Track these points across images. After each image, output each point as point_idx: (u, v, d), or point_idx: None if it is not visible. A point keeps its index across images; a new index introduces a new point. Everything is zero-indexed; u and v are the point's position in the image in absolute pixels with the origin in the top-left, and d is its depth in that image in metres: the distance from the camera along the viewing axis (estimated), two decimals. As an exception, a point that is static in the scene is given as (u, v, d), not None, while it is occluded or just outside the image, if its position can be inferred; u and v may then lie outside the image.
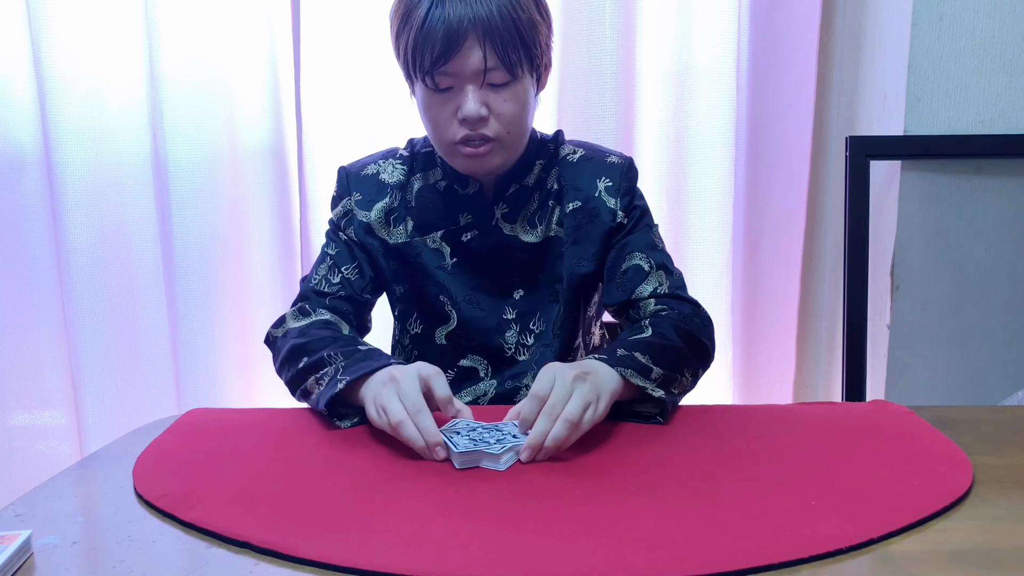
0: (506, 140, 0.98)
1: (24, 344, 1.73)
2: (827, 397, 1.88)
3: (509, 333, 1.07)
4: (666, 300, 1.04)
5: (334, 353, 0.93)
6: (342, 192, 1.10)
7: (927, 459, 0.79)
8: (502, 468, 0.77)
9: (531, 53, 0.96)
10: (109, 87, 1.67)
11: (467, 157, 0.98)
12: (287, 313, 1.06)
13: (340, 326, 1.04)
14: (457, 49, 0.92)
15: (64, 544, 0.65)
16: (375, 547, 0.62)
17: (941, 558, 0.61)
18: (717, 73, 1.70)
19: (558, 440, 0.78)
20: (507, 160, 1.02)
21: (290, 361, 0.97)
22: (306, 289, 1.08)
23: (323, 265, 1.08)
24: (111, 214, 1.70)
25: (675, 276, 1.07)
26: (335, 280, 1.07)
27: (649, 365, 0.90)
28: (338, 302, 1.06)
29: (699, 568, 0.59)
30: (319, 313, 1.04)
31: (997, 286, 1.60)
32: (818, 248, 1.85)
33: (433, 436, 0.79)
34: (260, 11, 1.69)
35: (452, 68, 0.93)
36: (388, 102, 1.69)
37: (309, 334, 0.99)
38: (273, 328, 1.06)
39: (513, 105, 0.97)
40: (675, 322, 0.98)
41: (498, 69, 0.94)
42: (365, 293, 1.09)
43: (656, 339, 0.94)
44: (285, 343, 1.00)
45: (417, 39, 0.93)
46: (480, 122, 0.96)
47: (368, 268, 1.09)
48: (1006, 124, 1.55)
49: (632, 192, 1.09)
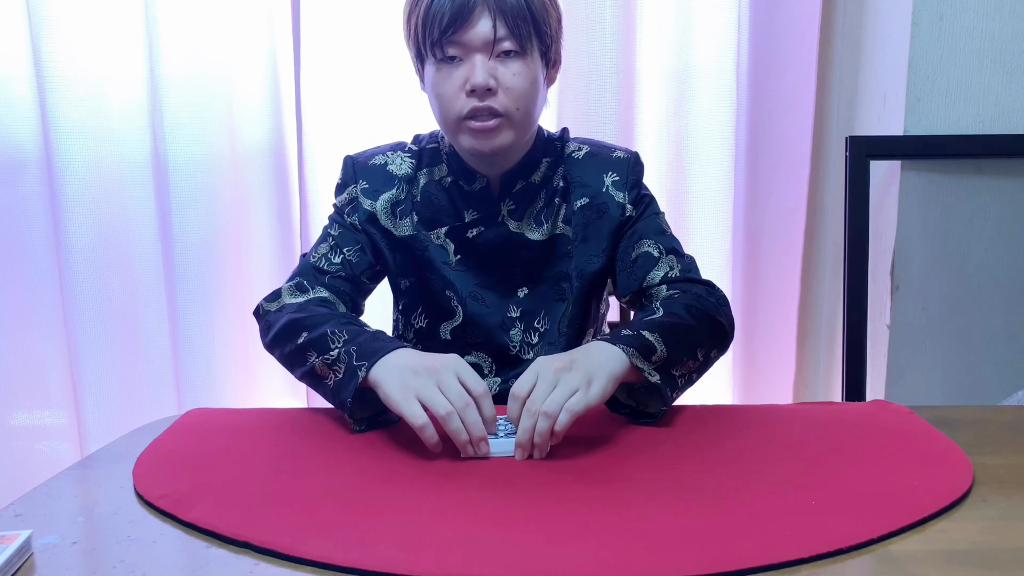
0: (515, 116, 0.97)
1: (24, 344, 1.74)
2: (827, 397, 1.88)
3: (514, 331, 1.07)
4: (678, 284, 1.03)
5: (338, 331, 0.91)
6: (347, 179, 1.09)
7: (927, 459, 0.79)
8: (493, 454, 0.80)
9: (540, 30, 0.97)
10: (109, 87, 1.67)
11: (474, 132, 0.97)
12: (283, 287, 1.04)
13: (337, 306, 1.03)
14: (467, 18, 0.93)
15: (64, 544, 0.65)
16: (375, 547, 0.62)
17: (941, 558, 0.61)
18: (717, 73, 1.70)
19: (543, 434, 0.78)
20: (514, 140, 1.00)
21: (286, 335, 0.95)
22: (305, 265, 1.07)
23: (324, 244, 1.07)
24: (111, 214, 1.71)
25: (686, 260, 1.06)
26: (336, 260, 1.06)
27: (655, 344, 0.87)
28: (337, 281, 1.05)
29: (699, 568, 0.58)
30: (317, 291, 1.03)
31: (997, 286, 1.60)
32: (818, 248, 1.85)
33: (479, 432, 0.79)
34: (260, 11, 1.69)
35: (461, 37, 0.94)
36: (388, 101, 1.69)
37: (308, 309, 0.98)
38: (266, 301, 1.04)
39: (522, 80, 0.96)
40: (687, 302, 0.97)
41: (507, 39, 0.94)
42: (364, 277, 1.08)
43: (666, 318, 0.93)
44: (280, 317, 0.98)
45: (427, 11, 0.94)
46: (488, 93, 0.95)
47: (369, 254, 1.08)
48: (1006, 124, 1.55)
49: (639, 186, 1.09)
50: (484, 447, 0.80)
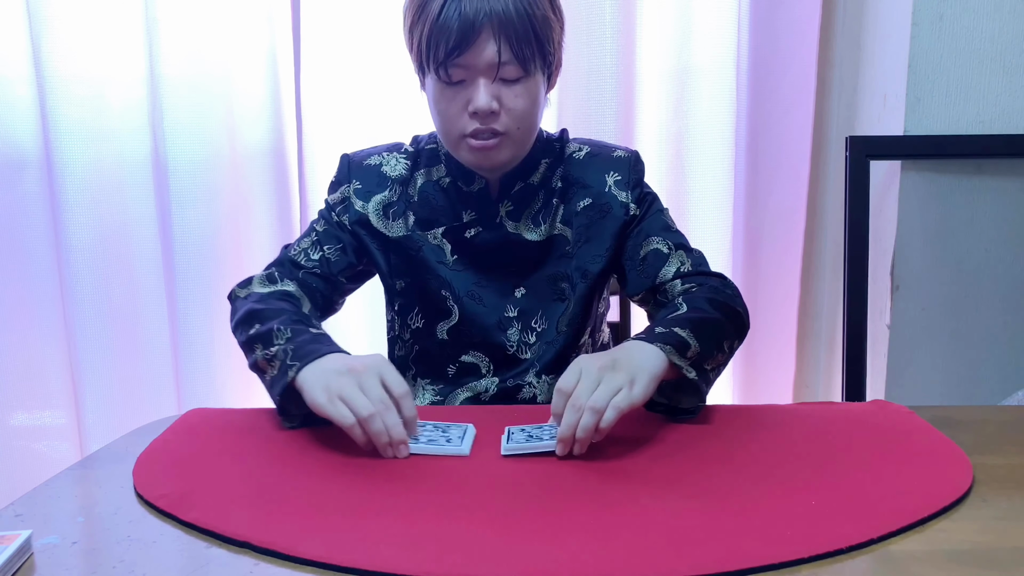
0: (515, 135, 0.98)
1: (24, 344, 1.74)
2: (827, 397, 1.88)
3: (511, 331, 1.07)
4: (692, 278, 1.03)
5: (283, 328, 0.92)
6: (341, 178, 1.10)
7: (927, 459, 0.79)
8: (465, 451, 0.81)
9: (544, 50, 0.97)
10: (109, 87, 1.67)
11: (475, 150, 0.98)
12: (255, 275, 1.05)
13: (302, 302, 1.03)
14: (472, 42, 0.92)
15: (64, 544, 0.65)
16: (375, 547, 0.62)
17: (941, 558, 0.61)
18: (717, 73, 1.70)
19: (588, 428, 0.78)
20: (515, 155, 1.02)
21: (243, 324, 0.97)
22: (283, 256, 1.08)
23: (307, 239, 1.08)
24: (111, 214, 1.71)
25: (695, 254, 1.06)
26: (314, 256, 1.07)
27: (688, 340, 0.88)
28: (310, 277, 1.06)
29: (699, 568, 0.59)
30: (285, 284, 1.04)
31: (997, 286, 1.60)
32: (818, 248, 1.85)
33: (399, 434, 0.79)
34: (260, 11, 1.69)
35: (466, 61, 0.94)
36: (389, 101, 1.69)
37: (267, 302, 0.98)
38: (238, 287, 1.05)
39: (524, 100, 0.97)
40: (708, 295, 0.98)
41: (511, 64, 0.94)
42: (341, 276, 1.08)
43: (693, 313, 0.93)
44: (244, 305, 1.00)
45: (432, 31, 0.93)
46: (491, 116, 0.96)
47: (351, 255, 1.08)
48: (1006, 124, 1.55)
49: (641, 184, 1.09)
50: (404, 449, 0.80)
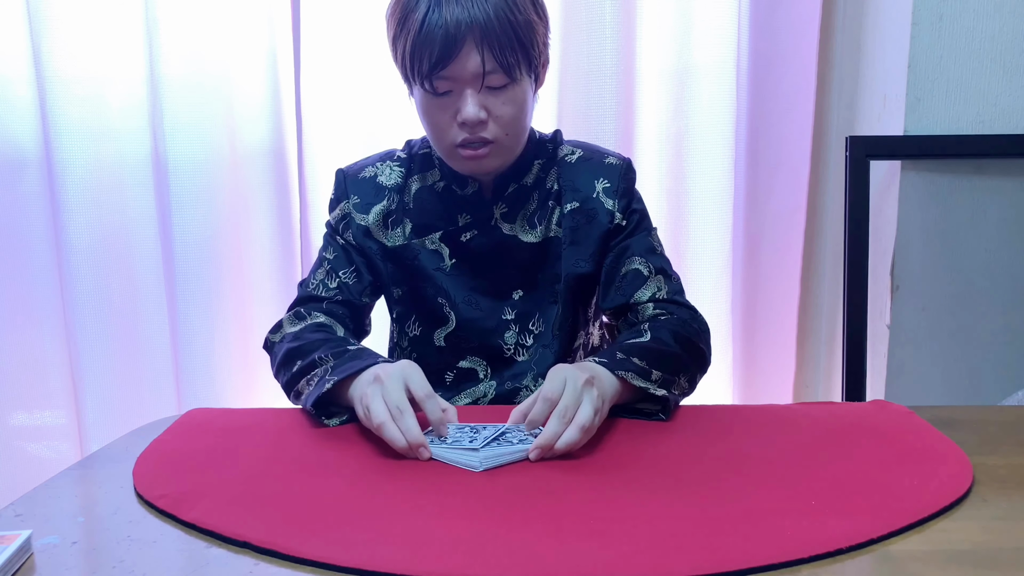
0: (505, 142, 0.99)
1: (24, 344, 1.73)
2: (827, 397, 1.88)
3: (508, 334, 1.07)
4: (664, 305, 1.04)
5: (325, 355, 0.93)
6: (340, 195, 1.10)
7: (927, 459, 0.79)
8: (479, 468, 0.77)
9: (529, 54, 0.96)
10: (109, 87, 1.67)
11: (466, 159, 0.99)
12: (283, 318, 1.06)
13: (335, 328, 1.04)
14: (455, 53, 0.92)
15: (64, 544, 0.65)
16: (375, 547, 0.62)
17: (941, 558, 0.61)
18: (717, 73, 1.70)
19: (571, 444, 0.78)
20: (506, 161, 1.02)
21: (285, 365, 0.97)
22: (303, 294, 1.08)
23: (320, 270, 1.08)
24: (111, 214, 1.70)
25: (673, 281, 1.07)
26: (332, 285, 1.07)
27: (648, 368, 0.90)
28: (334, 306, 1.06)
29: (699, 568, 0.58)
30: (314, 316, 1.04)
31: (997, 286, 1.60)
32: (818, 248, 1.85)
33: (415, 438, 0.79)
34: (260, 11, 1.69)
35: (450, 72, 0.93)
36: (388, 102, 1.69)
37: (303, 337, 0.99)
38: (270, 334, 1.06)
39: (512, 107, 0.97)
40: (673, 327, 0.98)
41: (496, 72, 0.94)
42: (363, 296, 1.09)
43: (654, 344, 0.94)
44: (281, 347, 1.00)
45: (415, 43, 0.92)
46: (479, 125, 0.96)
47: (366, 271, 1.09)
48: (1006, 124, 1.55)
49: (630, 194, 1.08)
50: (424, 452, 0.80)
